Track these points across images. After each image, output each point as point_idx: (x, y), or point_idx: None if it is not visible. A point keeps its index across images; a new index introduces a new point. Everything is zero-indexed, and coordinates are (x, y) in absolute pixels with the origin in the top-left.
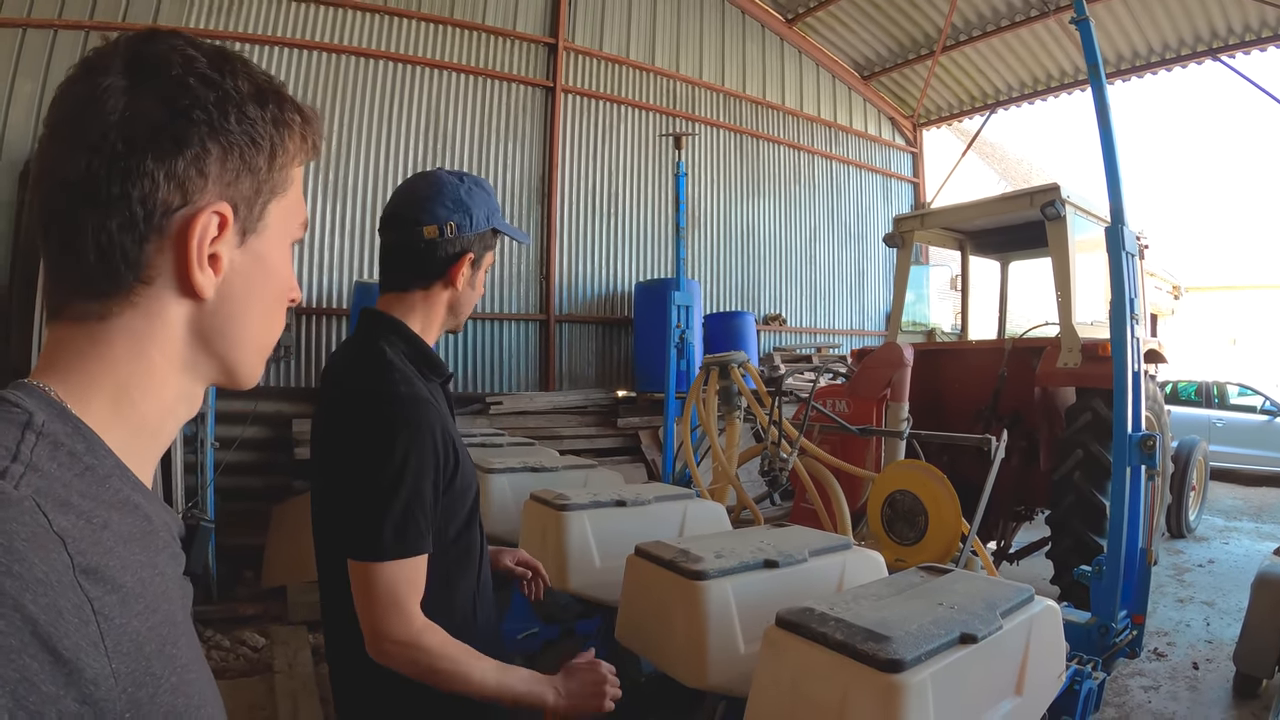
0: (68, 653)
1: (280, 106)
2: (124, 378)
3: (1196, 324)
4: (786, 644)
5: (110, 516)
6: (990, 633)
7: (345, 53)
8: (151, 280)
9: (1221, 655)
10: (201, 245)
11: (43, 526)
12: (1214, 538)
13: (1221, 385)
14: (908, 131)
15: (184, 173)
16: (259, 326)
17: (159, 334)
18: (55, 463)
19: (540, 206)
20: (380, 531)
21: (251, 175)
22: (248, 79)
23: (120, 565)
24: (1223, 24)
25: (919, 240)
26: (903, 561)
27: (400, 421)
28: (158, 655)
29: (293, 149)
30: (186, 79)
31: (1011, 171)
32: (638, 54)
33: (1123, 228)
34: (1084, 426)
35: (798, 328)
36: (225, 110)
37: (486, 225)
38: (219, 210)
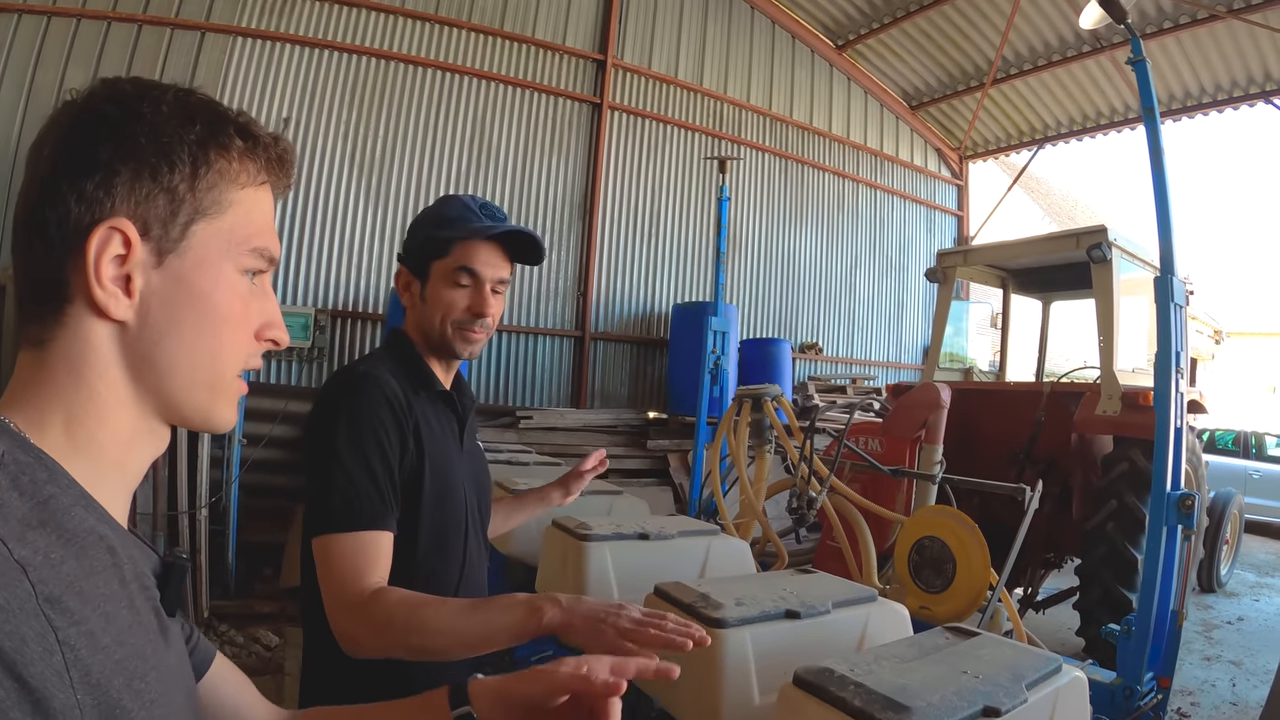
0: (34, 681)
1: (213, 128)
2: (71, 405)
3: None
4: (803, 705)
5: (70, 548)
6: (1015, 706)
7: (394, 59)
8: (72, 299)
9: (1247, 719)
10: (99, 260)
11: (3, 555)
12: (1245, 594)
13: (1260, 435)
14: (954, 163)
15: (92, 193)
16: (190, 355)
17: (91, 358)
18: (16, 492)
19: (582, 223)
20: (329, 503)
21: (166, 194)
22: (176, 104)
23: (83, 597)
24: (1277, 67)
25: (961, 276)
26: (927, 609)
27: (344, 397)
28: (126, 689)
29: (228, 169)
30: (103, 107)
31: (1056, 207)
32: (686, 74)
33: (1173, 278)
34: (1120, 476)
35: (834, 357)
36: (134, 130)
37: (421, 241)
38: (116, 226)
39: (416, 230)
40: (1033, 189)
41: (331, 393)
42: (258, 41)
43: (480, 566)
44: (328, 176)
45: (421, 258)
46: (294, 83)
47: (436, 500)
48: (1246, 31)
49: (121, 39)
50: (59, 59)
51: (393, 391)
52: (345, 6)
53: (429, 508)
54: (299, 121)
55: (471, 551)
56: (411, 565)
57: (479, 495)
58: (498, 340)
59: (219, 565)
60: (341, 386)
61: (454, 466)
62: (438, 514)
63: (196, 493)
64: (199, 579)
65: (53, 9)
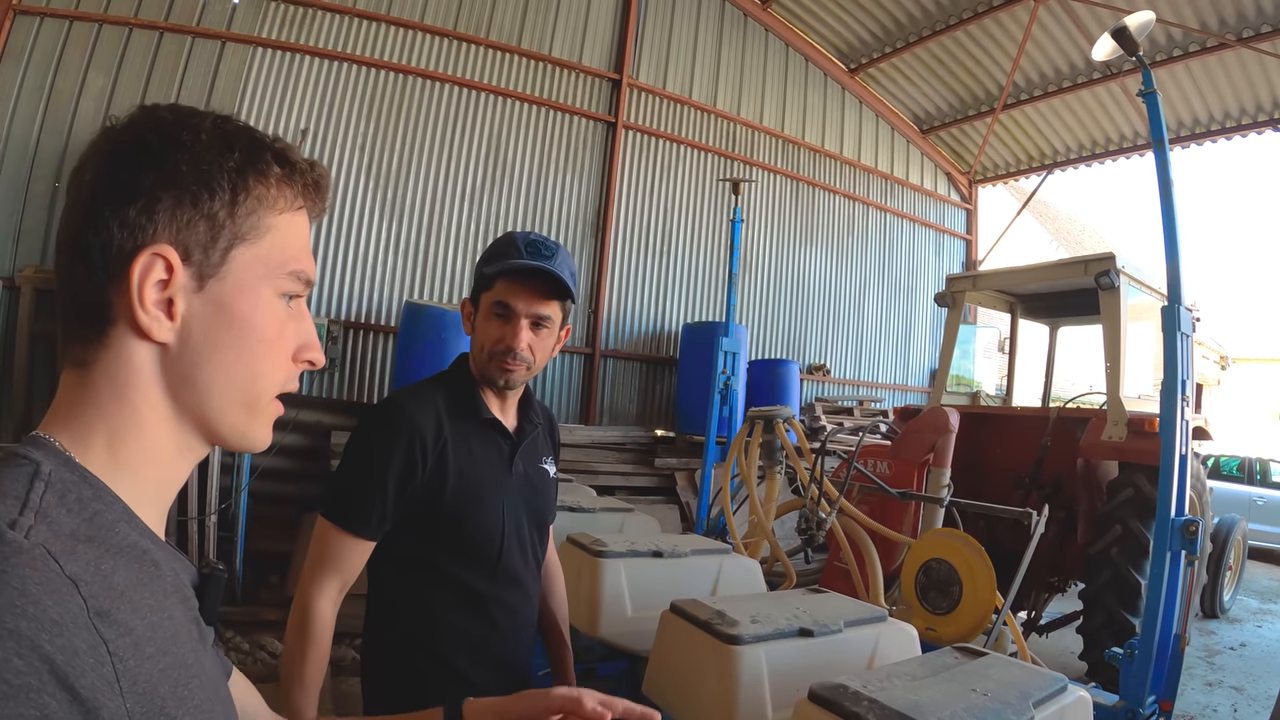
0: (85, 692)
1: (251, 155)
2: (113, 423)
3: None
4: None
5: (118, 561)
6: None
7: (412, 74)
8: (115, 321)
9: None
10: (143, 285)
11: (54, 572)
12: (1248, 620)
13: (1264, 462)
14: (963, 188)
15: (134, 219)
16: (229, 377)
17: (134, 378)
18: (64, 509)
19: (594, 240)
20: (330, 492)
21: (207, 220)
22: (214, 131)
23: (131, 608)
24: None
25: (970, 301)
26: (933, 631)
27: (372, 417)
28: (171, 696)
29: (265, 195)
30: (144, 135)
31: (1064, 232)
32: (700, 95)
33: (1179, 308)
34: (1125, 502)
35: (841, 379)
36: (176, 158)
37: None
38: (159, 252)
39: (477, 264)
40: (1041, 214)
41: (366, 411)
42: (277, 52)
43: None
44: (344, 188)
45: (475, 291)
46: (312, 94)
47: (458, 517)
48: (1256, 60)
49: (143, 46)
50: (80, 64)
51: (416, 425)
52: (365, 20)
53: (447, 523)
54: (317, 133)
55: (509, 565)
56: (442, 574)
57: (531, 516)
58: None
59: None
60: (372, 410)
61: (491, 488)
62: (460, 529)
63: (206, 499)
64: None
65: (75, 13)
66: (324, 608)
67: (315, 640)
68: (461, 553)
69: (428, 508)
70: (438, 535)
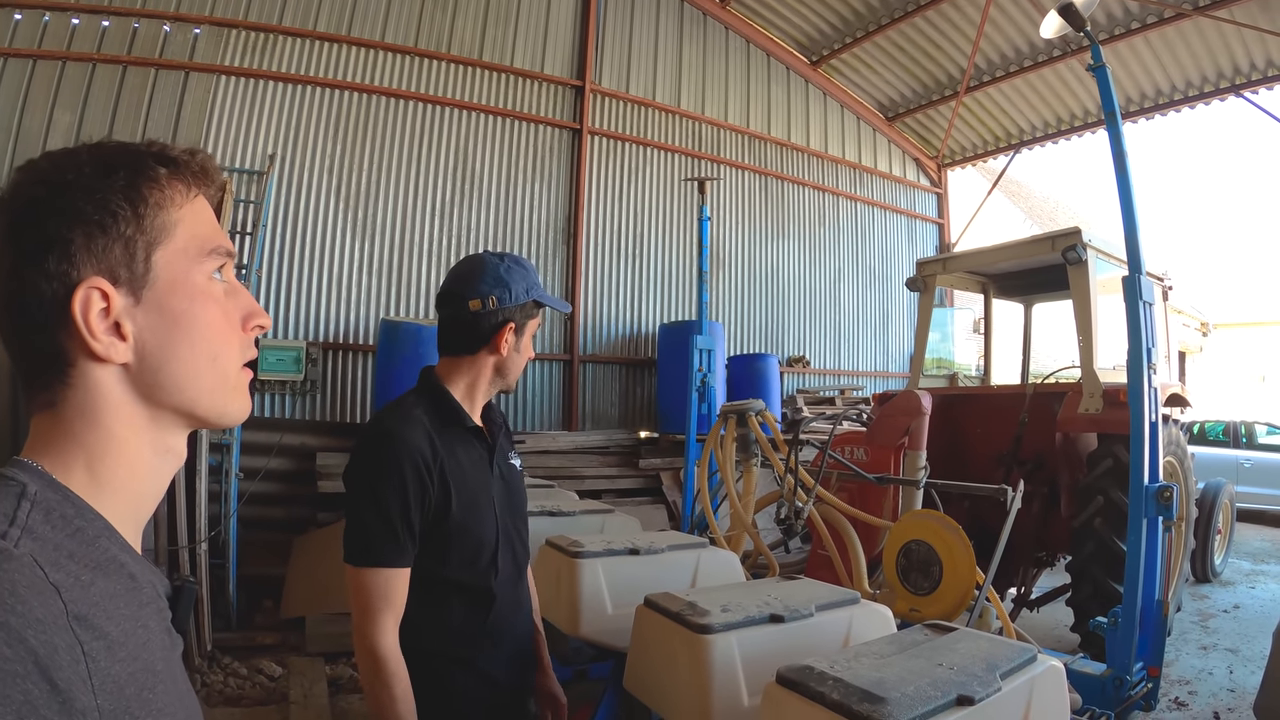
0: (63, 684)
1: (132, 169)
2: (91, 448)
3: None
4: (785, 701)
5: (96, 574)
6: (988, 695)
7: (376, 93)
8: (73, 362)
9: (1244, 705)
10: (87, 319)
11: (40, 577)
12: (1240, 582)
13: (1250, 425)
14: (932, 172)
15: (55, 267)
16: (192, 368)
17: (104, 405)
18: (49, 526)
19: (566, 247)
20: (352, 540)
21: (120, 242)
22: (92, 161)
23: (106, 616)
24: (1245, 60)
25: (942, 284)
26: (918, 611)
27: (371, 449)
28: (136, 699)
29: (161, 198)
30: (33, 192)
31: (1038, 210)
32: (663, 96)
33: (1140, 277)
34: (1105, 473)
35: (821, 369)
36: (70, 199)
37: (526, 297)
38: (91, 285)
39: (516, 284)
40: (1014, 193)
41: (360, 445)
42: (242, 79)
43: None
44: (314, 210)
45: (525, 317)
46: (278, 119)
47: (464, 528)
48: (1214, 27)
49: (107, 81)
50: (45, 102)
51: (416, 447)
52: (326, 42)
53: (457, 535)
54: (284, 157)
55: (505, 565)
56: (448, 584)
57: (513, 513)
58: None
59: (220, 598)
60: (367, 440)
61: (482, 491)
62: (467, 540)
63: (195, 527)
64: (200, 612)
65: (38, 52)
66: (392, 647)
67: (397, 679)
68: (465, 560)
69: (436, 528)
70: (445, 548)
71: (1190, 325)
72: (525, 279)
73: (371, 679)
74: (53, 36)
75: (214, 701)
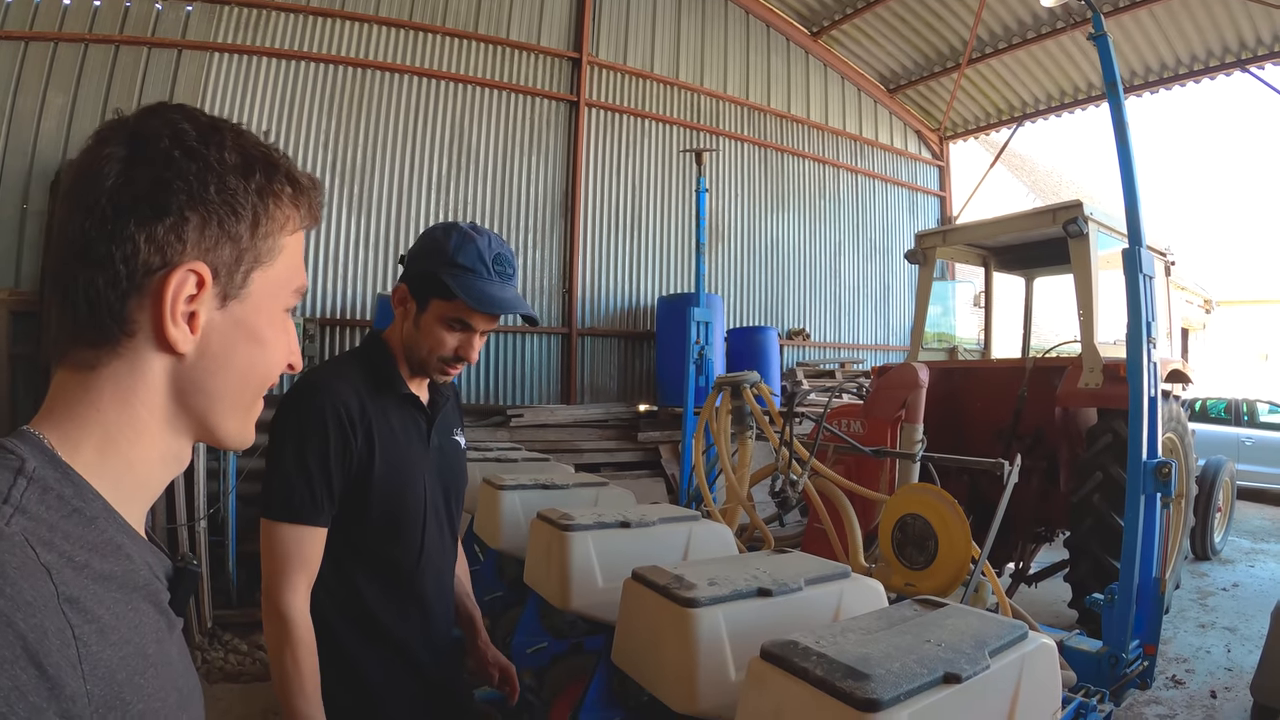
0: (52, 670)
1: (268, 176)
2: (111, 426)
3: (1228, 338)
4: (769, 676)
5: (92, 556)
6: (976, 672)
7: (370, 67)
8: (134, 334)
9: (1241, 684)
10: (175, 302)
11: (31, 558)
12: (1239, 560)
13: (1251, 403)
14: (934, 145)
15: (163, 238)
16: (237, 389)
17: (141, 386)
18: (44, 506)
19: (564, 220)
20: (269, 493)
21: (232, 243)
22: (236, 151)
23: (98, 600)
24: (1251, 35)
25: (942, 256)
26: (913, 586)
27: (293, 399)
28: (127, 683)
29: (280, 217)
30: (172, 151)
31: (1041, 184)
32: (661, 68)
33: (1140, 250)
34: (1104, 448)
35: (821, 343)
36: (205, 181)
37: (432, 269)
38: (195, 269)
39: (425, 258)
40: (1017, 166)
41: (284, 396)
42: (235, 56)
43: (441, 553)
44: None
45: (425, 289)
46: (273, 95)
47: (387, 495)
48: (1219, 0)
49: (99, 61)
50: (39, 84)
51: (341, 402)
52: (320, 17)
53: (378, 502)
54: (279, 133)
55: (430, 539)
56: (364, 551)
57: (445, 488)
58: (487, 341)
59: (220, 576)
60: (291, 395)
61: (413, 463)
62: (390, 507)
63: (194, 505)
64: (201, 589)
65: (29, 34)
66: (301, 609)
67: (303, 644)
68: (386, 531)
69: (357, 487)
70: (364, 514)
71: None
72: (440, 255)
73: (278, 642)
74: (44, 18)
75: (215, 678)
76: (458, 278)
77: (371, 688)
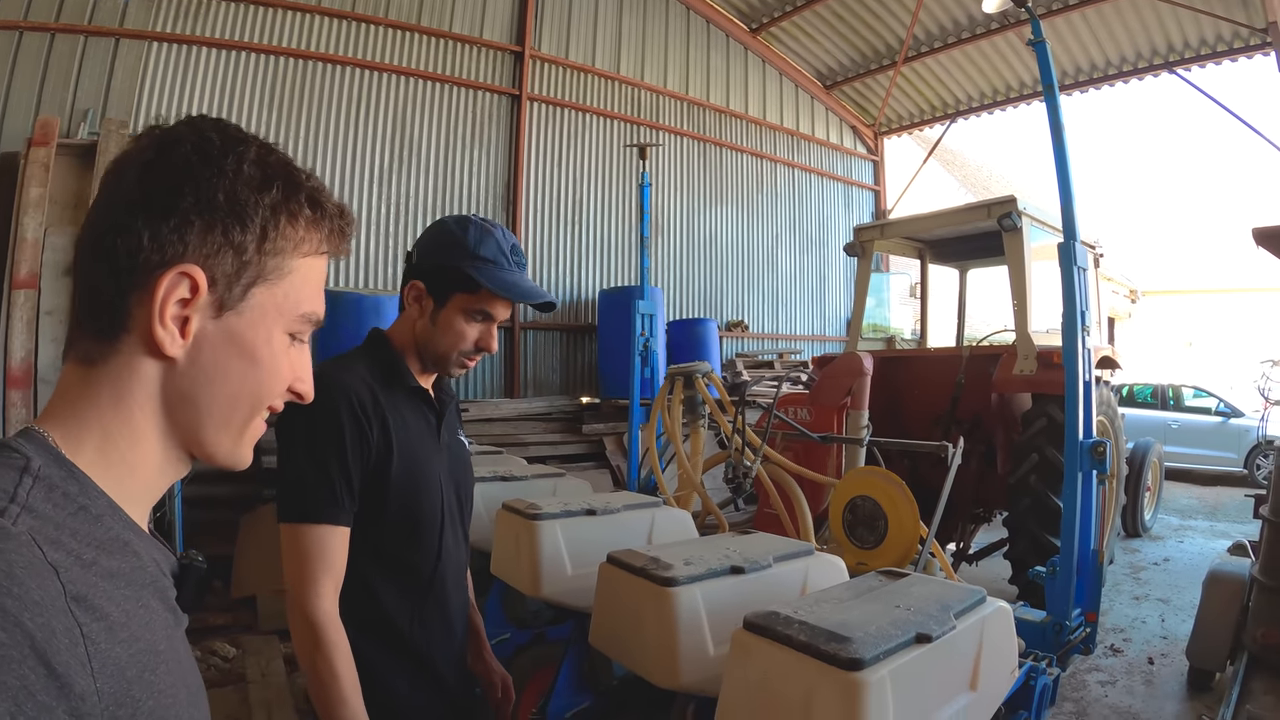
0: (60, 668)
1: (286, 194)
2: (109, 428)
3: (1153, 327)
4: (754, 646)
5: (99, 553)
6: (944, 632)
7: (312, 58)
8: (131, 329)
9: (1176, 650)
10: (166, 302)
11: (38, 558)
12: (1169, 536)
13: (1177, 388)
14: (869, 140)
15: (166, 236)
16: (226, 406)
17: (137, 387)
18: (50, 504)
19: (505, 214)
20: (286, 495)
21: (235, 253)
22: (257, 165)
23: (106, 596)
24: (1179, 38)
25: (879, 249)
26: (864, 565)
27: None
28: (137, 680)
29: (294, 237)
30: (191, 157)
31: (972, 178)
32: (603, 63)
33: (1075, 244)
34: (1039, 431)
35: (760, 334)
36: (215, 188)
37: (450, 262)
38: (188, 272)
39: (443, 252)
40: (949, 161)
41: None
42: (174, 46)
43: (457, 557)
44: None
45: (444, 284)
46: (212, 86)
47: (405, 492)
48: (1149, 5)
49: (34, 49)
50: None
51: (353, 392)
52: (262, 7)
53: (396, 498)
54: None
55: (447, 542)
56: (382, 554)
57: (457, 489)
58: None
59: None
60: None
61: (428, 460)
62: (408, 505)
63: None
64: None
65: None
66: (331, 613)
67: (338, 648)
68: (403, 530)
69: (374, 481)
70: (381, 512)
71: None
72: (460, 248)
73: (310, 650)
74: None
75: None
76: (483, 270)
77: (396, 700)
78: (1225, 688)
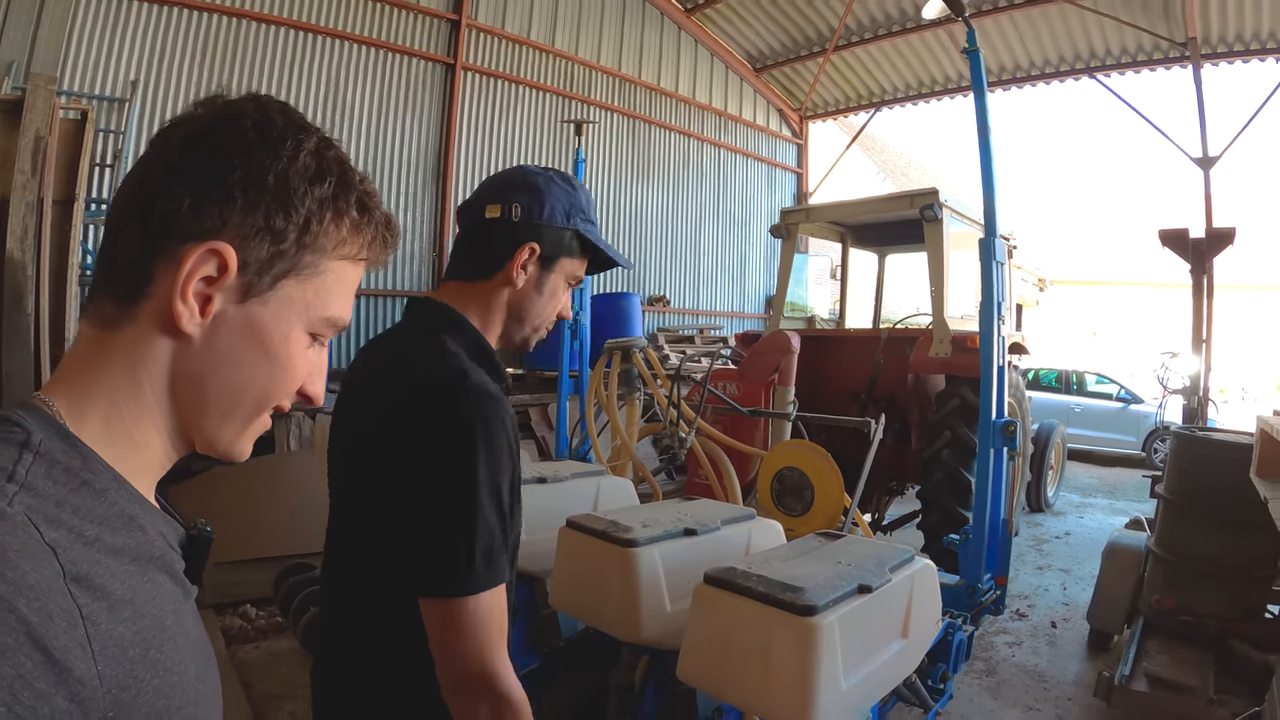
0: (58, 653)
1: (336, 192)
2: (116, 399)
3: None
4: (715, 598)
5: (102, 529)
6: (882, 584)
7: (245, 17)
8: (152, 296)
9: (1077, 615)
10: (192, 275)
11: (34, 538)
12: (1070, 512)
13: (1080, 374)
14: (794, 124)
15: (205, 208)
16: (232, 396)
17: (148, 359)
18: (51, 480)
19: (436, 184)
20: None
21: (273, 240)
22: (314, 156)
23: (109, 574)
24: (1102, 46)
25: (804, 232)
26: (793, 531)
27: (475, 420)
28: (141, 659)
29: (335, 236)
30: (247, 133)
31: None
32: (539, 35)
33: (995, 240)
34: (952, 411)
35: (681, 309)
36: (265, 169)
37: (566, 223)
38: (219, 249)
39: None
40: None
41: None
42: (103, 1)
43: None
44: None
45: (559, 248)
46: (142, 43)
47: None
48: (1076, 13)
49: None
50: None
51: (509, 411)
52: None
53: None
54: (147, 84)
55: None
56: None
57: None
58: (355, 306)
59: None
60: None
61: None
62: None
63: None
64: None
65: None
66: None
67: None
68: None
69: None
70: None
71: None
72: (569, 200)
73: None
74: None
75: None
76: (592, 233)
77: None
78: (1123, 648)
